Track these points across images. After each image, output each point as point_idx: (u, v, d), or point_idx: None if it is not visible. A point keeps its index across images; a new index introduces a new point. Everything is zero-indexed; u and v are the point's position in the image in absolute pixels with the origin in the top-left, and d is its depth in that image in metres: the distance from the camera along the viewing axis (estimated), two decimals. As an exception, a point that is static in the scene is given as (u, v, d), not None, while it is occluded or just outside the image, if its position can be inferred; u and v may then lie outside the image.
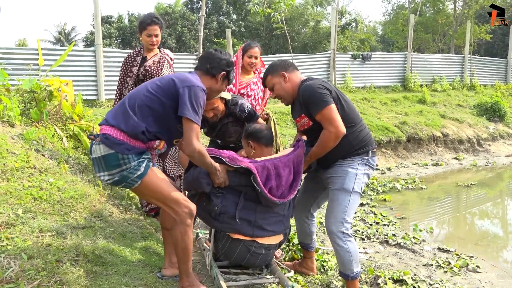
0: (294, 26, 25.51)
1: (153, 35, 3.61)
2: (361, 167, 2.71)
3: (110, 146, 2.21)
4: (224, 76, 2.50)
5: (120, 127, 2.23)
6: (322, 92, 2.59)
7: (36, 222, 2.58)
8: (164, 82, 2.34)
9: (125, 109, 2.28)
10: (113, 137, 2.22)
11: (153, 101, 2.29)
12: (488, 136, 9.96)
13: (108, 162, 2.22)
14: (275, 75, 2.82)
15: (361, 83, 11.53)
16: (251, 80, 3.73)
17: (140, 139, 2.26)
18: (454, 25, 23.39)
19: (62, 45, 37.96)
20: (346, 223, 2.65)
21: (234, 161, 2.51)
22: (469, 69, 13.52)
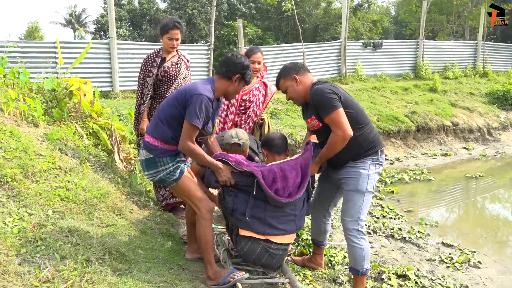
0: (305, 7, 25.23)
1: (174, 39, 3.83)
2: (372, 167, 2.88)
3: (149, 151, 2.76)
4: (239, 78, 2.79)
5: (154, 135, 2.76)
6: (330, 97, 2.74)
7: (64, 222, 2.79)
8: (179, 94, 2.73)
9: (157, 121, 2.79)
10: (150, 143, 2.76)
11: (174, 112, 2.72)
12: (499, 125, 9.97)
13: (148, 164, 2.79)
14: (287, 79, 2.95)
15: (372, 71, 11.52)
16: (253, 86, 3.85)
17: (172, 143, 2.74)
18: (470, 6, 22.95)
19: (73, 27, 38.11)
20: (361, 221, 2.86)
21: (239, 165, 2.77)
22: (482, 55, 13.36)
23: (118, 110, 6.25)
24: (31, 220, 2.66)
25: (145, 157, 2.79)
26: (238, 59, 2.79)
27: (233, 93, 2.88)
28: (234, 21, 20.84)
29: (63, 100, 4.36)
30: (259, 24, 25.57)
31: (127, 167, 4.46)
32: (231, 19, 23.42)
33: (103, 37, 26.26)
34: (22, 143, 3.35)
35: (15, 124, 3.68)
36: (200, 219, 2.77)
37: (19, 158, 3.15)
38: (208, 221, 2.77)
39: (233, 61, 2.79)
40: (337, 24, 23.23)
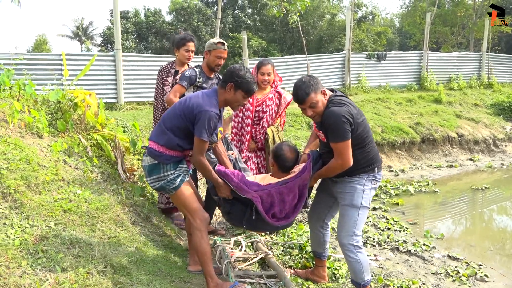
0: (309, 19, 25.43)
1: (190, 50, 4.15)
2: (368, 183, 2.87)
3: (154, 157, 2.83)
4: (233, 87, 2.82)
5: (160, 142, 2.83)
6: (344, 127, 2.67)
7: (66, 234, 2.79)
8: (187, 108, 2.79)
9: (163, 129, 2.86)
10: (155, 150, 2.82)
11: (181, 123, 2.81)
12: (505, 137, 9.90)
13: (151, 170, 2.85)
14: (318, 92, 2.77)
15: (376, 82, 11.53)
16: (266, 96, 3.93)
17: (177, 150, 2.83)
18: (474, 18, 23.01)
19: (80, 39, 38.59)
20: (356, 236, 2.85)
21: (240, 191, 2.88)
22: (486, 66, 13.34)
23: (122, 121, 6.28)
24: (33, 232, 2.66)
25: (149, 163, 2.85)
26: (233, 68, 2.86)
27: (234, 102, 2.88)
28: (239, 33, 21.04)
29: (67, 111, 4.38)
30: (264, 36, 25.78)
31: (131, 178, 4.46)
32: (236, 31, 23.64)
33: (110, 49, 26.55)
34: (26, 154, 3.36)
35: (20, 136, 3.70)
36: (195, 230, 2.82)
37: (23, 169, 3.16)
38: (203, 232, 2.81)
39: (229, 71, 2.86)
40: (341, 36, 23.37)
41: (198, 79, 3.78)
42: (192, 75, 3.75)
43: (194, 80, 3.75)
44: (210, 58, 3.78)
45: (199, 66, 3.86)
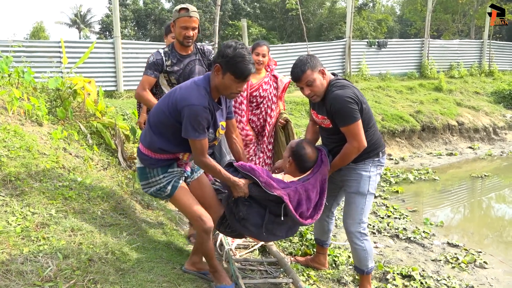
0: (309, 7, 25.20)
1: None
2: (373, 169, 2.85)
3: (140, 160, 2.56)
4: (219, 70, 2.34)
5: (144, 143, 2.51)
6: (352, 108, 2.63)
7: (68, 222, 2.79)
8: (171, 103, 2.38)
9: (148, 127, 2.51)
10: (141, 152, 2.53)
11: (165, 120, 2.41)
12: (505, 125, 9.89)
13: (139, 174, 2.59)
14: (315, 70, 2.69)
15: (376, 70, 11.47)
16: (262, 80, 3.74)
17: (161, 153, 2.48)
18: (475, 5, 22.79)
19: (78, 27, 38.27)
20: (363, 223, 2.85)
21: (269, 187, 2.54)
22: (487, 54, 13.27)
23: (122, 109, 6.26)
24: (34, 219, 2.66)
25: (137, 165, 2.61)
26: (222, 45, 2.38)
27: (225, 89, 2.39)
28: (238, 21, 20.86)
29: (67, 99, 4.36)
30: (264, 24, 25.56)
31: (131, 166, 4.46)
32: (236, 19, 23.44)
33: (108, 37, 26.35)
34: (26, 142, 3.35)
35: (19, 123, 3.69)
36: (197, 234, 2.67)
37: (23, 157, 3.15)
38: (207, 235, 2.58)
39: (217, 51, 2.39)
40: (342, 23, 23.18)
41: (166, 62, 3.16)
42: (157, 60, 3.15)
43: (160, 65, 3.14)
44: (176, 31, 3.14)
45: (170, 46, 3.24)
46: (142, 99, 3.17)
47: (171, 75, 3.17)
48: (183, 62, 3.18)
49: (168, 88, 3.20)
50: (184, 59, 3.19)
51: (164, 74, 3.18)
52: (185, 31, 3.10)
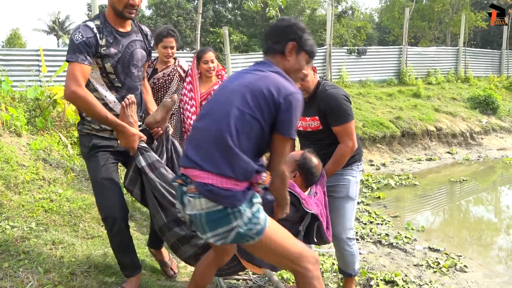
0: (290, 14, 25.47)
1: (169, 47, 3.62)
2: (358, 175, 2.90)
3: (216, 200, 1.70)
4: (294, 48, 1.90)
5: (225, 173, 1.70)
6: (348, 106, 2.64)
7: (48, 235, 2.74)
8: (256, 94, 1.75)
9: (224, 145, 1.71)
10: (218, 187, 1.69)
11: (253, 127, 1.74)
12: (481, 130, 10.16)
13: (213, 221, 1.74)
14: (309, 66, 2.49)
15: (356, 77, 11.65)
16: (211, 88, 3.58)
17: (253, 177, 1.77)
18: (450, 13, 23.44)
19: (57, 34, 37.66)
20: (351, 229, 2.86)
21: (308, 205, 2.32)
22: (463, 61, 13.64)
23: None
24: (13, 233, 2.60)
25: (207, 209, 1.72)
26: (286, 21, 1.94)
27: (296, 71, 1.95)
28: (219, 28, 20.90)
29: (46, 109, 4.29)
30: (245, 31, 25.68)
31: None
32: (217, 26, 23.48)
33: (87, 44, 25.94)
34: (4, 153, 3.28)
35: (-3, 134, 3.61)
36: (311, 280, 1.83)
37: (1, 169, 3.08)
38: (320, 279, 1.86)
39: (280, 27, 1.92)
40: (322, 30, 23.49)
41: (100, 42, 2.18)
42: (88, 39, 2.13)
43: (94, 46, 2.15)
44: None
45: (100, 16, 2.26)
46: (80, 102, 2.11)
47: (106, 61, 2.21)
48: (121, 43, 2.27)
49: (102, 83, 2.26)
50: (123, 38, 2.28)
51: (97, 60, 2.21)
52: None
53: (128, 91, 2.36)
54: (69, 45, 2.14)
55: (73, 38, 2.13)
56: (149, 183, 2.31)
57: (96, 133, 2.39)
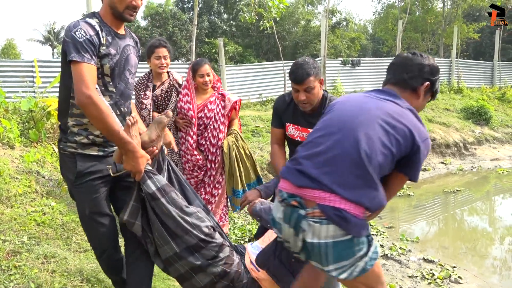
0: (285, 25, 25.68)
1: (162, 57, 3.50)
2: None
3: (347, 229, 1.57)
4: (427, 88, 1.87)
5: (362, 201, 1.59)
6: None
7: (40, 249, 2.71)
8: (398, 130, 1.68)
9: (365, 172, 1.61)
10: (351, 214, 1.57)
11: (386, 157, 1.66)
12: (474, 140, 10.23)
13: (340, 251, 1.60)
14: (317, 78, 2.56)
15: (351, 88, 11.74)
16: (207, 100, 3.56)
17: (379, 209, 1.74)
18: (443, 24, 23.75)
19: (52, 44, 37.69)
20: None
21: None
22: (456, 72, 13.79)
23: (97, 129, 6.16)
24: (5, 247, 2.58)
25: (334, 238, 1.58)
26: (424, 59, 1.89)
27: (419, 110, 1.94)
28: (215, 39, 21.02)
29: (40, 120, 4.27)
30: (240, 42, 25.85)
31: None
32: (212, 37, 23.61)
33: (83, 55, 25.98)
34: (-3, 166, 3.26)
35: (-10, 147, 3.59)
36: None
37: (-7, 182, 3.06)
38: None
39: (419, 63, 1.87)
40: (316, 41, 23.70)
41: (102, 40, 2.01)
42: (91, 36, 1.97)
43: (97, 43, 1.99)
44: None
45: (96, 15, 2.09)
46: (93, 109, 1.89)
47: (105, 61, 2.04)
48: (118, 44, 2.11)
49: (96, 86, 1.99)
50: (120, 40, 2.13)
51: (97, 60, 2.02)
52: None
53: (121, 98, 2.17)
54: (70, 43, 1.92)
55: (74, 36, 1.93)
56: (160, 210, 2.06)
57: (82, 150, 2.06)
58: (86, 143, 2.07)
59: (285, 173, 1.72)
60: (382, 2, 32.25)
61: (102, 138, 2.10)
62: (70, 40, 1.94)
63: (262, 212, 2.25)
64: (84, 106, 1.90)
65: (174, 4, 26.79)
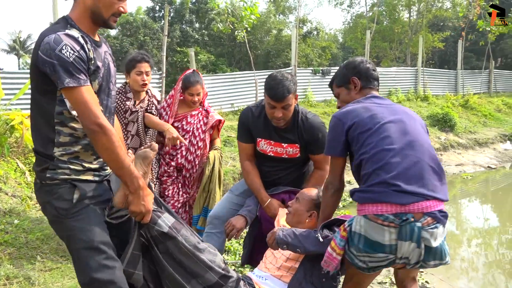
0: (256, 34, 25.91)
1: (144, 73, 3.28)
2: None
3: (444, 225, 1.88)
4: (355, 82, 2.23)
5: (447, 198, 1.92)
6: None
7: (2, 269, 2.62)
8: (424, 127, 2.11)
9: (441, 173, 1.92)
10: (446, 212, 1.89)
11: None
12: (440, 146, 10.58)
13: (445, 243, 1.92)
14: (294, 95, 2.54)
15: (321, 97, 11.94)
16: (189, 112, 3.43)
17: None
18: (410, 34, 24.55)
19: (18, 54, 36.60)
20: None
21: None
22: (422, 80, 14.25)
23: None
24: (-36, 270, 2.48)
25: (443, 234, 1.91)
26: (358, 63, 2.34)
27: None
28: (187, 48, 20.97)
29: (3, 135, 4.14)
30: (212, 51, 25.86)
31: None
32: (184, 45, 23.53)
33: (50, 64, 25.33)
34: (-44, 184, 3.14)
35: None
36: None
37: (-48, 201, 2.94)
38: None
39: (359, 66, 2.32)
40: (288, 50, 23.97)
41: (89, 54, 1.75)
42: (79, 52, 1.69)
43: (85, 59, 1.73)
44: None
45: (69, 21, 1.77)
46: (104, 140, 1.69)
47: (94, 78, 1.79)
48: (100, 55, 1.85)
49: None
50: (99, 49, 1.86)
51: None
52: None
53: (110, 116, 1.89)
54: (57, 65, 1.63)
55: (61, 56, 1.64)
56: (178, 249, 1.85)
57: (77, 176, 1.78)
58: (81, 170, 1.80)
59: (385, 197, 1.80)
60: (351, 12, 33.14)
61: (97, 164, 1.86)
62: (56, 61, 1.64)
63: (288, 238, 2.14)
64: (94, 137, 1.68)
65: (145, 13, 26.56)
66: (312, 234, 2.15)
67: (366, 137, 1.92)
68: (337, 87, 2.29)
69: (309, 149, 2.67)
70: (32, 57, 1.71)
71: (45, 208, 1.82)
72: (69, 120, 1.76)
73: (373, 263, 1.85)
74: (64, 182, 1.75)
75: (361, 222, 1.83)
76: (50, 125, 1.74)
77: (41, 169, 1.77)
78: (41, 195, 1.81)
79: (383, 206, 1.79)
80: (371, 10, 27.15)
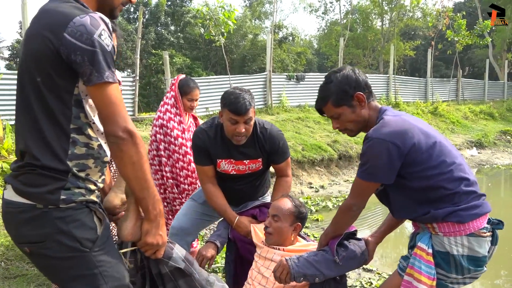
0: (233, 38, 25.97)
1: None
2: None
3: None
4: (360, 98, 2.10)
5: None
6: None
7: (-36, 277, 2.53)
8: None
9: None
10: None
11: None
12: (410, 152, 10.85)
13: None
14: (254, 109, 2.52)
15: (296, 102, 12.06)
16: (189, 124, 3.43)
17: None
18: (382, 42, 25.17)
19: (-15, 52, 35.25)
20: None
21: None
22: (393, 87, 14.62)
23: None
24: None
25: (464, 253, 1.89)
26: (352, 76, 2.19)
27: None
28: (162, 50, 20.79)
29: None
30: (188, 54, 25.73)
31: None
32: (159, 48, 23.31)
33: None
34: None
35: None
36: None
37: None
38: None
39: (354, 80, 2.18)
40: (264, 55, 24.08)
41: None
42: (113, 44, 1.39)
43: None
44: None
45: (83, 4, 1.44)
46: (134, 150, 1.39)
47: None
48: None
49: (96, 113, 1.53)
50: None
51: None
52: None
53: None
54: (98, 54, 1.32)
55: (101, 43, 1.33)
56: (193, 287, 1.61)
57: (90, 196, 1.45)
58: (93, 189, 1.46)
59: (485, 208, 1.86)
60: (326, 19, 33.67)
61: (102, 183, 1.52)
62: (99, 49, 1.32)
63: (304, 269, 2.06)
64: (122, 147, 1.35)
65: (120, 14, 26.19)
66: (326, 256, 2.08)
67: (432, 157, 1.86)
68: (335, 108, 2.10)
69: (271, 159, 2.68)
70: (42, 42, 1.32)
71: (51, 242, 1.35)
72: (86, 126, 1.42)
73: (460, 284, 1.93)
74: (80, 205, 1.40)
75: (464, 242, 1.79)
76: (64, 132, 1.37)
77: (50, 190, 1.35)
78: (46, 225, 1.35)
79: (483, 218, 1.84)
80: (345, 18, 27.73)
